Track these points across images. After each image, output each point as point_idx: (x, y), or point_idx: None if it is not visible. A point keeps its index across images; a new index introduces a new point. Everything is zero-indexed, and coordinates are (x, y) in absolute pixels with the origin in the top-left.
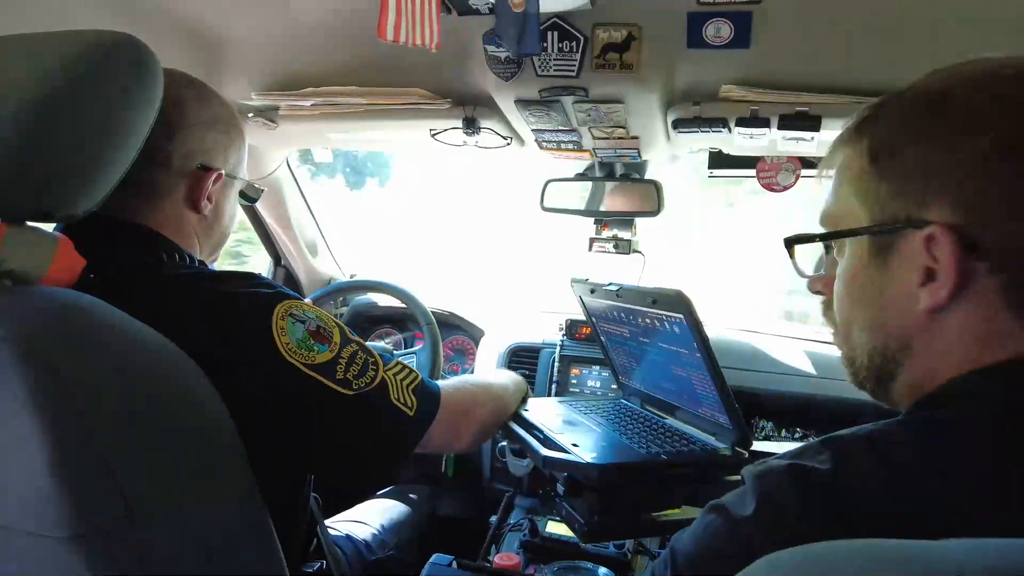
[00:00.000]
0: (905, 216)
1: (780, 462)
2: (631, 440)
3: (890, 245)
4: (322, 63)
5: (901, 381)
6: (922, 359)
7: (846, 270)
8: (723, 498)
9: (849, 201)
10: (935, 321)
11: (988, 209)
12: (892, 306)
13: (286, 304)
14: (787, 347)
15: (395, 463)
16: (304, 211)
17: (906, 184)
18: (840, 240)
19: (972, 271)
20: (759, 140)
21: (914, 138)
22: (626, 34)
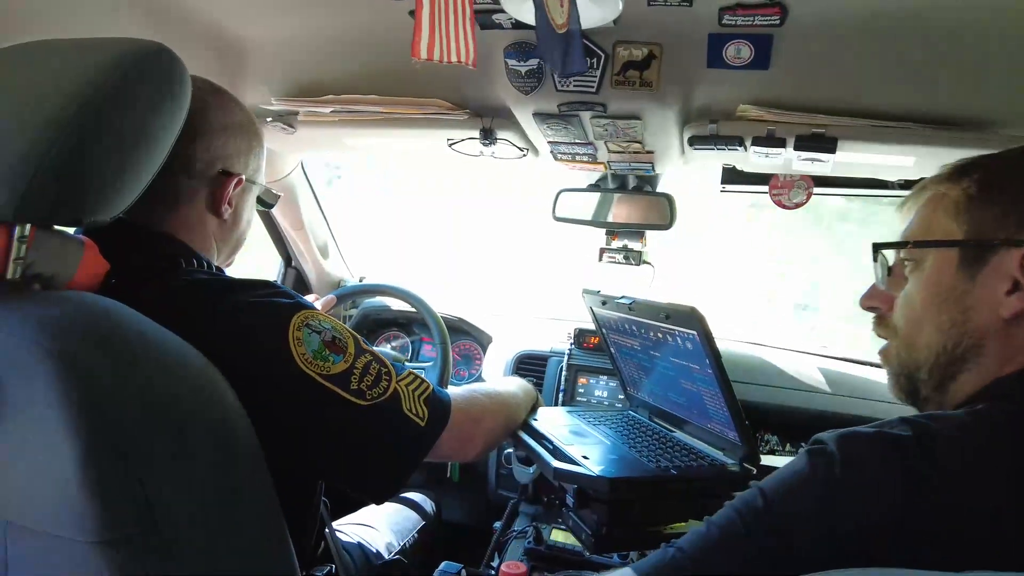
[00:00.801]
0: (1004, 236)
1: (865, 429)
2: (640, 453)
3: (982, 259)
4: (342, 71)
5: (963, 380)
6: (990, 359)
7: (930, 280)
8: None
9: (943, 223)
10: (1011, 327)
11: None
12: (975, 310)
13: (303, 314)
14: (792, 360)
15: (406, 473)
16: (317, 213)
17: (1009, 211)
18: (921, 254)
19: None
20: (774, 159)
21: (1021, 176)
22: (647, 52)
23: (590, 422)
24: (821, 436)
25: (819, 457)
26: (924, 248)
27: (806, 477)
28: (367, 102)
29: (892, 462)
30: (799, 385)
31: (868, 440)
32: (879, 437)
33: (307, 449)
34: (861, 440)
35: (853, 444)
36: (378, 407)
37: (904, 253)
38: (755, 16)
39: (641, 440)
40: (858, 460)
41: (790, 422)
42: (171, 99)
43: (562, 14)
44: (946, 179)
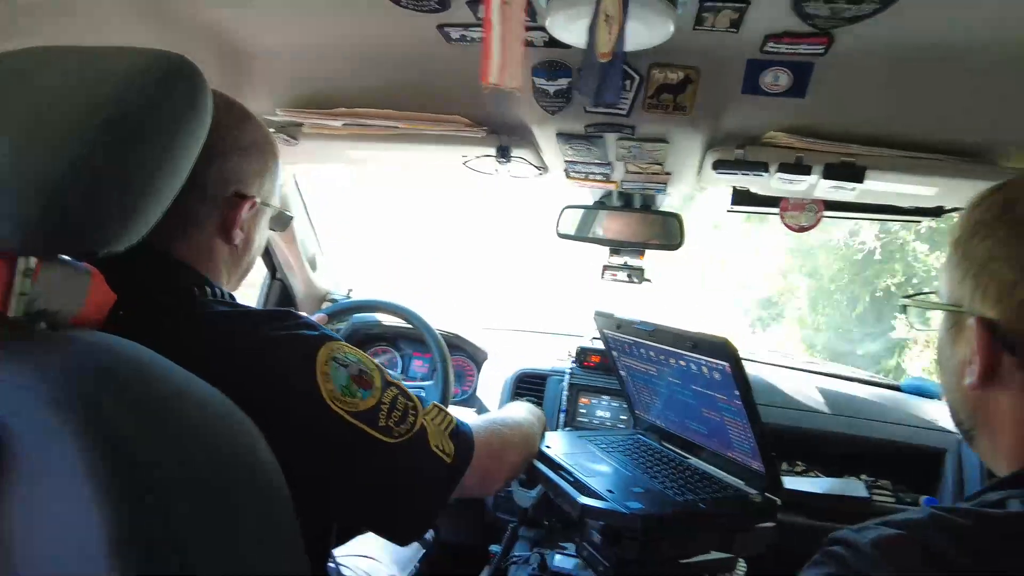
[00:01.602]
0: (966, 302)
1: (900, 533)
2: (664, 485)
3: (957, 323)
4: (355, 84)
5: (979, 442)
6: (986, 428)
7: (939, 335)
8: (838, 552)
9: (943, 278)
10: (984, 398)
11: (1021, 313)
12: (955, 377)
13: (329, 347)
14: (784, 377)
15: (435, 513)
16: (307, 225)
17: (970, 274)
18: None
19: (1002, 362)
20: (798, 186)
21: (983, 235)
22: (683, 76)
23: (601, 447)
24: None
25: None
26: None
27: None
28: (382, 116)
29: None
30: (793, 404)
31: (910, 553)
32: (926, 554)
33: (333, 491)
34: (903, 553)
35: (897, 556)
36: (406, 445)
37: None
38: (801, 44)
39: (660, 469)
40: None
41: (786, 441)
42: (194, 117)
43: (609, 41)
44: (953, 226)
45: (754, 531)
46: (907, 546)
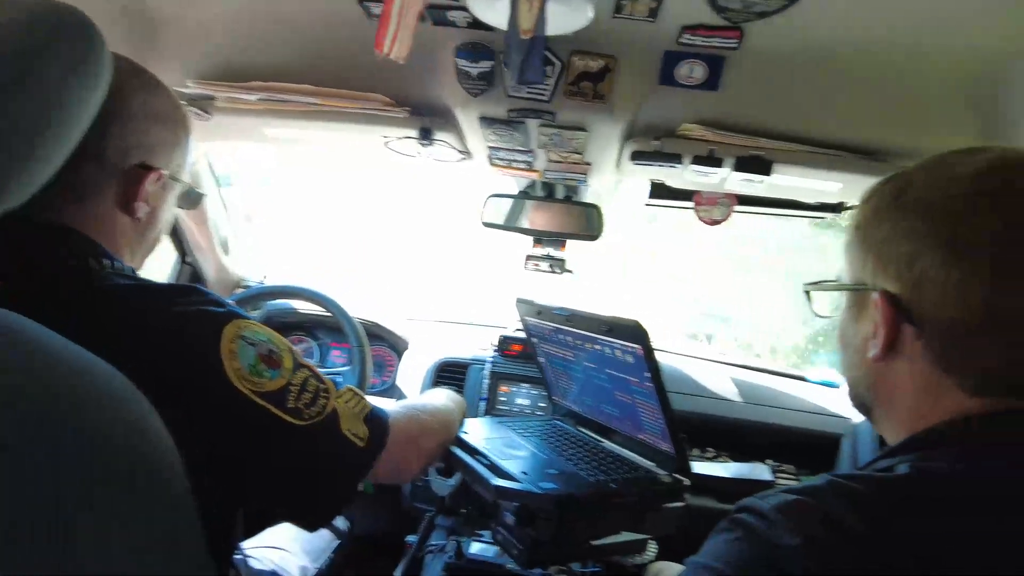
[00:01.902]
0: (869, 280)
1: (799, 499)
2: (578, 466)
3: (860, 302)
4: (271, 57)
5: (876, 415)
6: (884, 400)
7: (839, 318)
8: (740, 517)
9: (844, 261)
10: (884, 370)
11: (921, 284)
12: (859, 353)
13: (236, 324)
14: (694, 367)
15: (344, 499)
16: (220, 207)
17: (872, 254)
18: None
19: (902, 332)
20: (710, 178)
21: (881, 218)
22: (603, 64)
23: (519, 432)
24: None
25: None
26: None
27: (751, 556)
28: (299, 92)
29: (845, 549)
30: (702, 391)
31: (809, 516)
32: (826, 518)
33: (237, 474)
34: (805, 516)
35: (796, 517)
36: (316, 427)
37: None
38: (714, 37)
39: (575, 451)
40: (810, 541)
41: (697, 427)
42: (85, 74)
43: (530, 19)
44: (856, 209)
45: (663, 511)
46: (806, 510)
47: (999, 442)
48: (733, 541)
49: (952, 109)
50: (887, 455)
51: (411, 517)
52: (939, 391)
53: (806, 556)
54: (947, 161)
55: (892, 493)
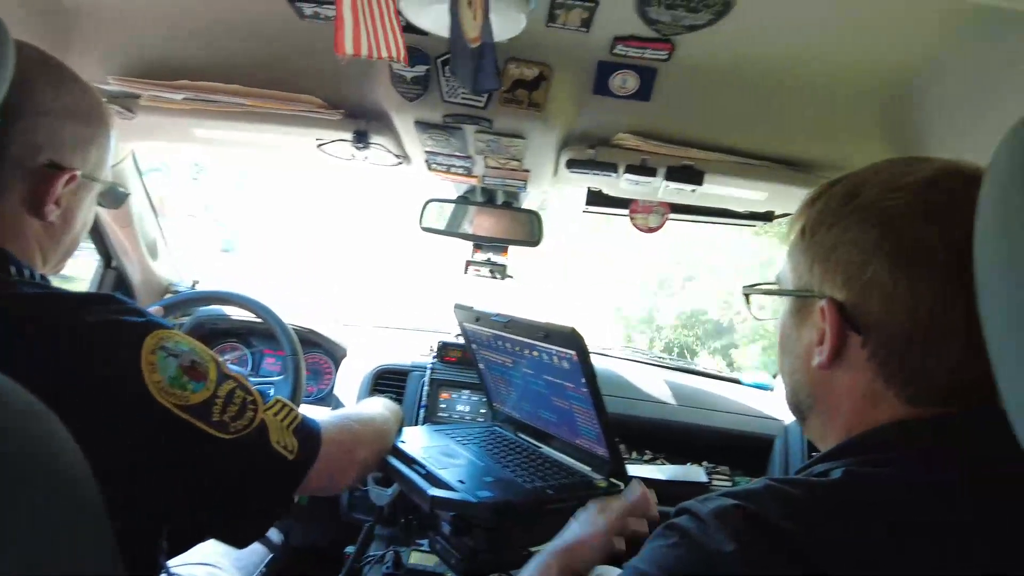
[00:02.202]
0: (815, 286)
1: (736, 503)
2: (515, 473)
3: (805, 308)
4: (199, 54)
5: (812, 422)
6: (825, 406)
7: (779, 322)
8: (678, 522)
9: (786, 267)
10: (828, 377)
11: (867, 293)
12: (801, 359)
13: (157, 335)
14: (636, 371)
15: (275, 514)
16: (147, 209)
17: (818, 260)
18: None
19: (848, 340)
20: (644, 187)
21: (829, 224)
22: (537, 73)
23: (457, 440)
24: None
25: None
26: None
27: (688, 560)
28: (229, 92)
29: (778, 549)
30: (643, 395)
31: (739, 519)
32: (753, 520)
33: (161, 491)
34: (735, 519)
35: (730, 522)
36: (243, 441)
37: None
38: (646, 49)
39: (512, 458)
40: (746, 545)
41: (635, 431)
42: None
43: (475, 27)
44: (795, 216)
45: None
46: (743, 515)
47: (930, 448)
48: (670, 547)
49: (867, 122)
50: (823, 459)
51: (349, 528)
52: (877, 399)
53: (742, 561)
54: (894, 169)
55: (826, 497)
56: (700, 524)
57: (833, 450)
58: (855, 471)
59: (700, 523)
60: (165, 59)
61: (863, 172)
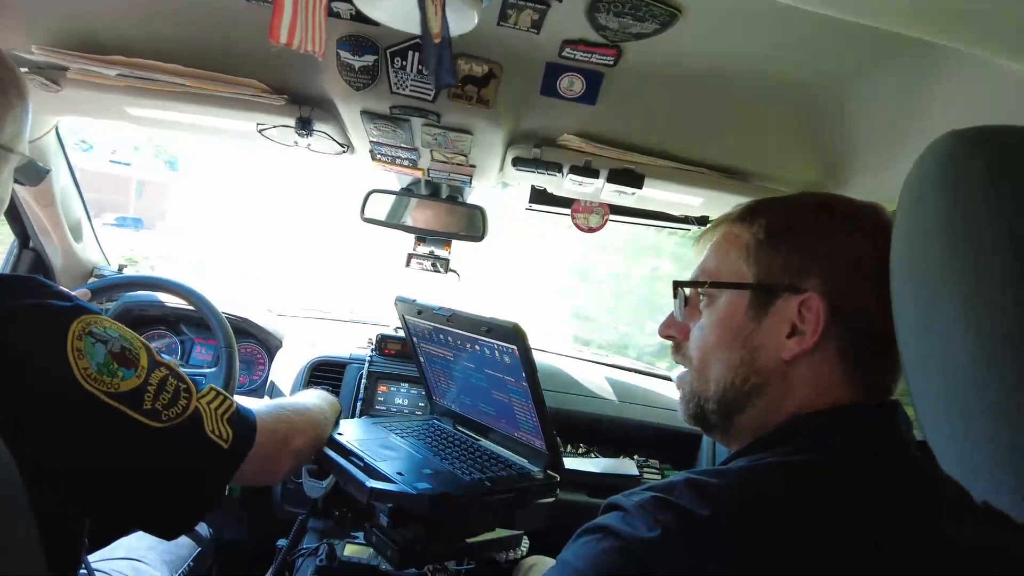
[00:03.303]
0: (787, 282)
1: (657, 495)
2: (453, 465)
3: (769, 302)
4: (132, 30)
5: (748, 415)
6: (771, 398)
7: (720, 317)
8: (604, 521)
9: (735, 264)
10: (789, 368)
11: (849, 289)
12: (759, 350)
13: (84, 320)
14: (573, 367)
15: (208, 503)
16: (71, 188)
17: (792, 258)
18: (715, 292)
19: (828, 332)
20: (586, 188)
21: (804, 227)
22: (487, 70)
23: (396, 433)
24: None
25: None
26: (719, 288)
27: (612, 550)
28: (167, 71)
29: (693, 538)
30: (578, 390)
31: (659, 509)
32: (676, 512)
33: (87, 482)
34: (654, 511)
35: (650, 513)
36: (176, 429)
37: (701, 289)
38: (593, 54)
39: (451, 451)
40: (665, 532)
41: (570, 426)
42: None
43: (437, 23)
44: (738, 220)
45: (533, 506)
46: (664, 504)
47: (856, 434)
48: (597, 541)
49: (797, 135)
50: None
51: (282, 521)
52: (828, 388)
53: (663, 547)
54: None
55: (731, 482)
56: (626, 515)
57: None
58: (769, 459)
59: (626, 514)
60: (98, 32)
61: (815, 194)
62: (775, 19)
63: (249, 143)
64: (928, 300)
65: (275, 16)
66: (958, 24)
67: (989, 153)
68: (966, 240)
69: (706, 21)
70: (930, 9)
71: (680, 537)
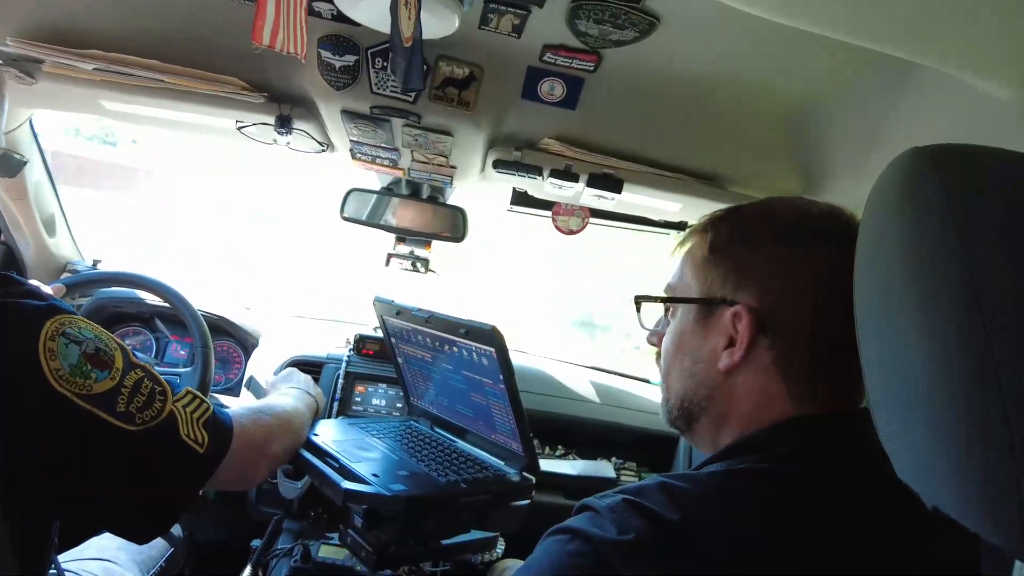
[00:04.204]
0: (723, 296)
1: (628, 498)
2: (429, 467)
3: (710, 315)
4: (110, 23)
5: (703, 423)
6: (717, 409)
7: (676, 328)
8: (573, 523)
9: (689, 277)
10: (729, 379)
11: (778, 301)
12: (703, 362)
13: (57, 320)
14: (549, 368)
15: (181, 508)
16: (45, 181)
17: (730, 272)
18: (675, 304)
19: (758, 344)
20: (566, 191)
21: (742, 240)
22: (468, 72)
23: (372, 434)
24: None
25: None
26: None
27: (576, 551)
28: (145, 66)
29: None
30: (560, 392)
31: (629, 514)
32: (646, 515)
33: (58, 484)
34: (626, 515)
35: (622, 517)
36: (150, 432)
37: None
38: (574, 59)
39: (427, 452)
40: (632, 537)
41: (549, 427)
42: None
43: (409, 26)
44: (699, 232)
45: (507, 508)
46: (634, 507)
47: (812, 443)
48: (565, 542)
49: (773, 143)
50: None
51: (257, 522)
52: (774, 400)
53: (632, 549)
54: (799, 202)
55: (699, 487)
56: (595, 517)
57: (723, 451)
58: (735, 466)
59: (596, 516)
60: (75, 25)
61: (772, 200)
62: (753, 31)
63: (228, 140)
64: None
65: (257, 18)
66: (927, 44)
67: (947, 171)
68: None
69: (684, 31)
70: (901, 29)
71: (648, 540)
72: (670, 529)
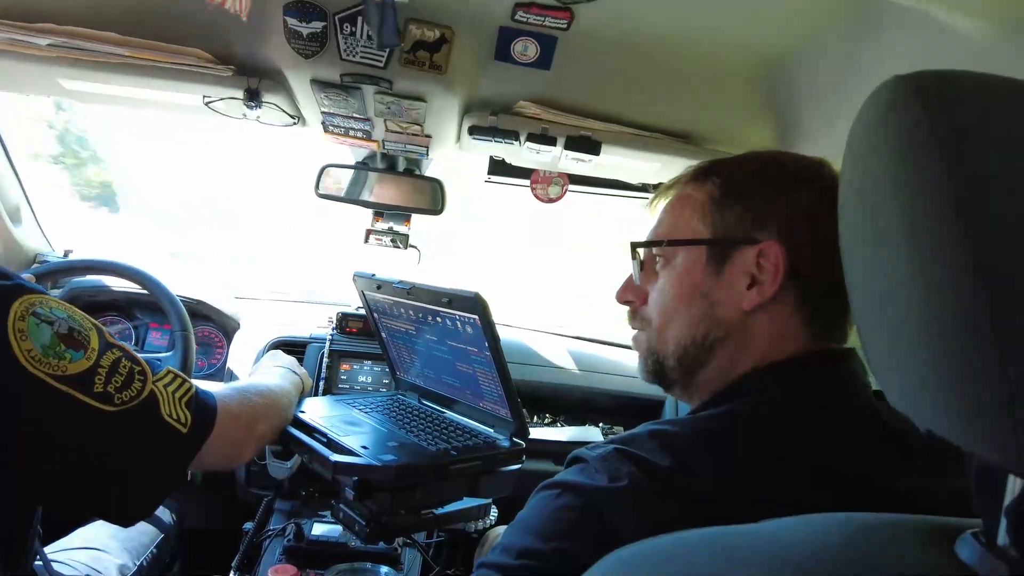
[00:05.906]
0: (743, 235)
1: (618, 447)
2: (419, 437)
3: (727, 256)
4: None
5: (710, 368)
6: (732, 351)
7: (678, 275)
8: (563, 477)
9: (691, 223)
10: (749, 319)
11: (804, 240)
12: (721, 304)
13: (27, 300)
14: (535, 339)
15: (165, 490)
16: (7, 170)
17: (749, 212)
18: (671, 252)
19: (786, 281)
20: (544, 156)
21: (759, 181)
22: (439, 35)
23: (360, 409)
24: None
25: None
26: (675, 246)
27: (566, 503)
28: (102, 40)
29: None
30: (542, 362)
31: (620, 461)
32: (636, 462)
33: (36, 470)
34: (617, 462)
35: (612, 464)
36: (130, 413)
37: (656, 250)
38: (546, 17)
39: (416, 423)
40: (622, 482)
41: (535, 396)
42: None
43: None
44: (691, 180)
45: (499, 474)
46: (625, 455)
47: (802, 383)
48: (554, 498)
49: (748, 98)
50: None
51: (246, 504)
52: (795, 333)
53: (623, 497)
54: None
55: (688, 431)
56: (587, 467)
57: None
58: (725, 410)
59: (587, 466)
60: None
61: (763, 152)
62: None
63: (196, 117)
64: (874, 238)
65: None
66: None
67: (930, 92)
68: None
69: None
70: None
71: (640, 487)
72: (661, 475)
